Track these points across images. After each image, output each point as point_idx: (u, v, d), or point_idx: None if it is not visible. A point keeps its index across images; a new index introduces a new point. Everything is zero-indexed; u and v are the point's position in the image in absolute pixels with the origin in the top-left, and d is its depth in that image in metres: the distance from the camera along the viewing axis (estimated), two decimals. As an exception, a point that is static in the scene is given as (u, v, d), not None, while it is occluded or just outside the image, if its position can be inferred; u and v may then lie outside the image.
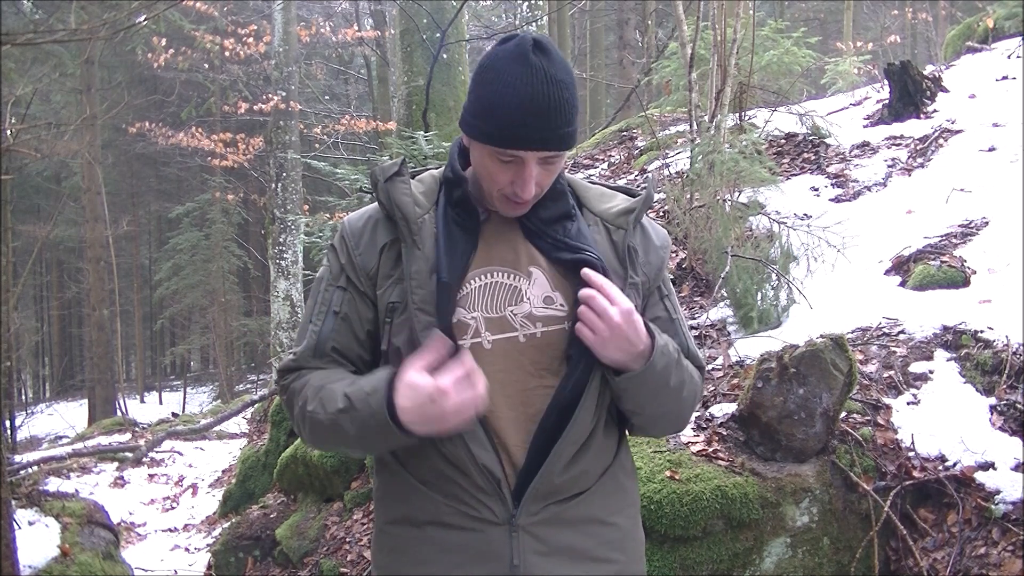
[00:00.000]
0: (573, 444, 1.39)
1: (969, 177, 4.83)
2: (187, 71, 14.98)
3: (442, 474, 1.40)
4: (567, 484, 1.41)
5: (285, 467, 4.66)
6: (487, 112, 1.34)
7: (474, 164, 1.44)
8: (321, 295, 1.48)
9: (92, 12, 9.54)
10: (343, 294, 1.45)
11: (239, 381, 20.55)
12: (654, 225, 1.58)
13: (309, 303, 1.51)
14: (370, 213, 1.50)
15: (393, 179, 1.46)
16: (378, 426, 1.32)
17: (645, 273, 1.50)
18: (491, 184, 1.40)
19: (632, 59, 13.92)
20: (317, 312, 1.47)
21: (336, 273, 1.47)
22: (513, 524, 1.37)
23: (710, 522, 2.65)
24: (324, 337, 1.45)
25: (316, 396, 1.39)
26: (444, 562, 1.40)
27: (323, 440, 1.45)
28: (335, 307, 1.45)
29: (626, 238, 1.48)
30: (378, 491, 1.53)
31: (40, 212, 20.66)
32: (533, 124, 1.31)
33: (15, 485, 3.94)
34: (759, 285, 3.92)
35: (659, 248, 1.54)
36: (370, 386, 1.34)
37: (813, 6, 19.56)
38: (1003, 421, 2.88)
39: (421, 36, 7.24)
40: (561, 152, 1.38)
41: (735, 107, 5.65)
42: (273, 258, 10.28)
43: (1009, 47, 7.24)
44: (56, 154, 14.28)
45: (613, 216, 1.50)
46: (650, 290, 1.52)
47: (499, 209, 1.44)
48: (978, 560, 2.55)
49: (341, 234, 1.49)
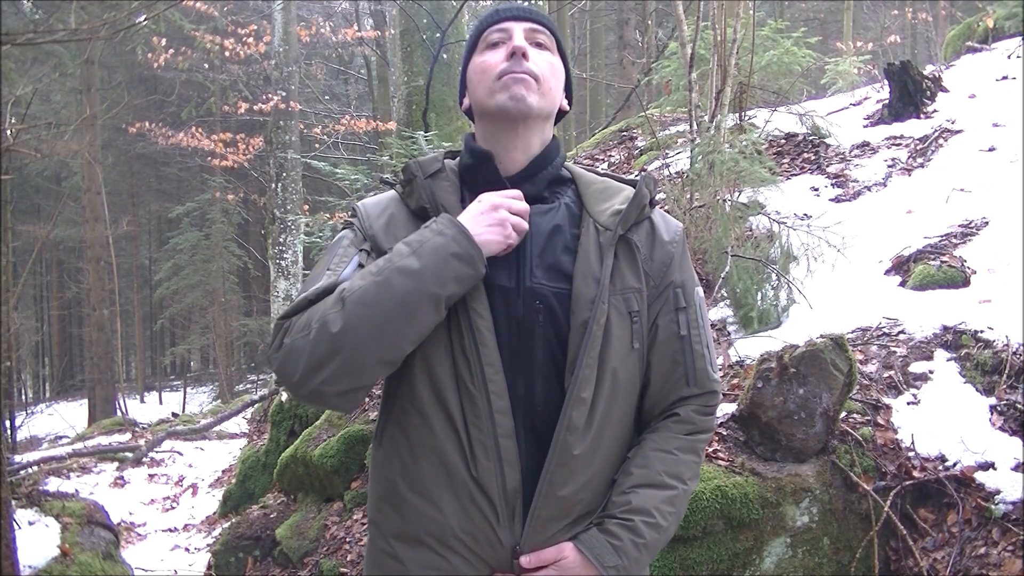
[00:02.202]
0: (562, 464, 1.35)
1: (969, 177, 4.83)
2: (187, 71, 14.97)
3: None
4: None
5: (285, 467, 4.66)
6: (473, 31, 1.49)
7: (472, 86, 1.47)
8: (342, 249, 1.41)
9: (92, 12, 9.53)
10: (366, 256, 1.39)
11: (239, 381, 20.55)
12: (666, 219, 1.50)
13: (323, 259, 1.42)
14: (386, 204, 1.47)
15: (436, 176, 1.44)
16: (442, 233, 1.30)
17: (647, 272, 1.42)
18: (488, 74, 1.42)
19: (632, 59, 13.91)
20: (337, 261, 1.38)
21: (359, 239, 1.42)
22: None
23: (710, 522, 2.65)
24: (345, 278, 1.34)
25: (352, 281, 1.30)
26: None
27: (366, 317, 1.26)
28: (361, 260, 1.38)
29: (613, 240, 1.40)
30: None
31: (40, 212, 20.67)
32: (509, 7, 1.46)
33: (15, 485, 3.94)
34: (759, 285, 3.92)
35: (667, 244, 1.45)
36: (432, 226, 1.34)
37: (813, 6, 19.56)
38: (1003, 421, 2.88)
39: (421, 36, 7.24)
40: (544, 27, 1.46)
41: (735, 107, 5.65)
42: (273, 258, 10.27)
43: (1009, 47, 7.24)
44: (56, 154, 14.27)
45: (606, 218, 1.42)
46: (658, 292, 1.44)
47: (505, 102, 1.39)
48: (978, 560, 2.55)
49: (359, 215, 1.46)
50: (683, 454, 1.42)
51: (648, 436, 1.44)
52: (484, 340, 1.34)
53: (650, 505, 1.36)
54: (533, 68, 1.40)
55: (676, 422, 1.44)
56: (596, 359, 1.35)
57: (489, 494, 1.33)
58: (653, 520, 1.36)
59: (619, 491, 1.38)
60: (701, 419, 1.46)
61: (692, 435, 1.44)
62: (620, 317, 1.38)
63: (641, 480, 1.38)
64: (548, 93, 1.42)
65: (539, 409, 1.36)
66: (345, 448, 4.16)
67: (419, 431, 1.37)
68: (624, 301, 1.39)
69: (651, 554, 1.38)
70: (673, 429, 1.44)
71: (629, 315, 1.39)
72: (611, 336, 1.37)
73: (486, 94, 1.41)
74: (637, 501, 1.36)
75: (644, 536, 1.35)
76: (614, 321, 1.38)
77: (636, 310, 1.40)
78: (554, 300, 1.37)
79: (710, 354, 1.46)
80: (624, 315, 1.39)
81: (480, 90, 1.43)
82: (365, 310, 1.26)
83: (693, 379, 1.44)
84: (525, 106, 1.39)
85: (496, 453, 1.33)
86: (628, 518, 1.35)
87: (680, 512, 1.42)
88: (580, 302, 1.36)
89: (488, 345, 1.34)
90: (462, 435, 1.34)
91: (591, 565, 1.33)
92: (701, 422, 1.46)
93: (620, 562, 1.34)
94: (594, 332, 1.35)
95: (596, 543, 1.34)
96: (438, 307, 1.30)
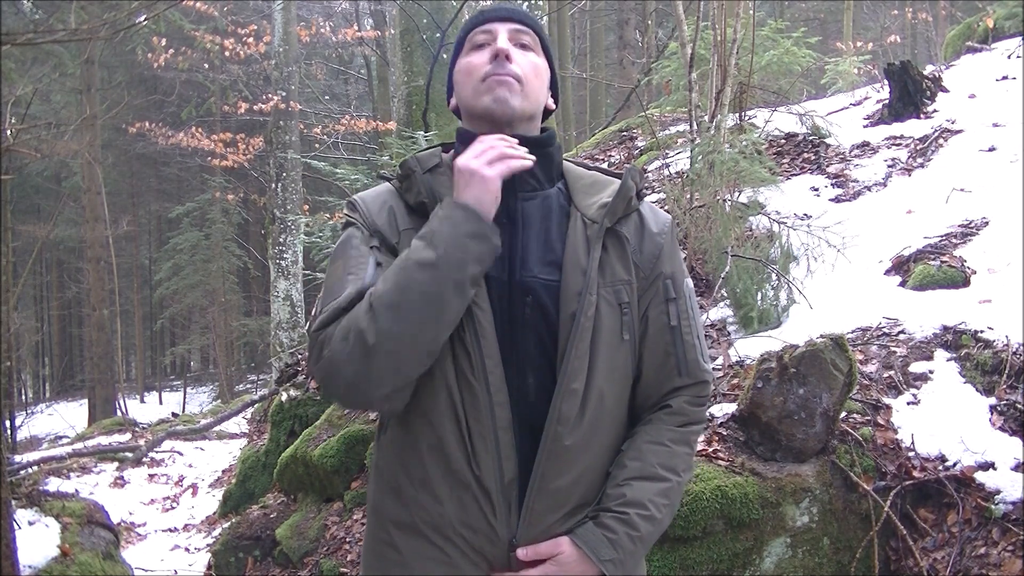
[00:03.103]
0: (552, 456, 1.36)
1: (969, 177, 4.83)
2: (187, 71, 14.98)
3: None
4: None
5: (285, 467, 4.66)
6: (460, 32, 1.51)
7: (458, 87, 1.49)
8: (355, 250, 1.40)
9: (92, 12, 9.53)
10: (378, 252, 1.40)
11: (239, 381, 20.56)
12: (655, 211, 1.51)
13: (337, 263, 1.41)
14: (384, 197, 1.47)
15: (434, 171, 1.45)
16: (465, 222, 1.30)
17: (637, 264, 1.44)
18: (472, 76, 1.44)
19: (632, 59, 13.92)
20: (355, 265, 1.38)
21: (367, 236, 1.42)
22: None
23: (710, 522, 2.65)
24: (370, 281, 1.34)
25: (377, 285, 1.31)
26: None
27: (403, 310, 1.28)
28: (377, 259, 1.38)
29: (600, 233, 1.41)
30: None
31: (40, 212, 20.69)
32: (495, 8, 1.48)
33: (15, 485, 3.94)
34: (759, 285, 3.92)
35: (656, 235, 1.46)
36: (439, 212, 1.34)
37: (813, 6, 19.56)
38: (1003, 421, 2.88)
39: (421, 36, 7.25)
40: (528, 27, 1.47)
41: (735, 107, 5.65)
42: (273, 258, 10.28)
43: (1009, 47, 7.24)
44: (56, 154, 14.28)
45: (593, 212, 1.44)
46: (648, 283, 1.45)
47: (489, 104, 1.42)
48: (978, 560, 2.55)
49: (358, 208, 1.46)
50: (676, 446, 1.44)
51: (641, 428, 1.45)
52: (484, 332, 1.35)
53: (644, 497, 1.38)
54: (516, 70, 1.42)
55: (669, 414, 1.45)
56: (586, 351, 1.36)
57: (487, 487, 1.35)
58: (648, 512, 1.37)
59: (613, 484, 1.40)
60: (693, 410, 1.47)
61: (685, 427, 1.46)
62: (610, 308, 1.40)
63: (635, 472, 1.39)
64: (531, 94, 1.44)
65: (531, 401, 1.37)
66: (345, 448, 4.16)
67: (419, 423, 1.38)
68: (614, 293, 1.41)
69: (646, 546, 1.40)
70: (666, 421, 1.45)
71: (619, 307, 1.41)
72: (601, 328, 1.38)
73: (471, 96, 1.44)
74: (631, 494, 1.37)
75: (639, 529, 1.37)
76: (604, 313, 1.39)
77: (626, 301, 1.42)
78: (544, 293, 1.39)
79: (701, 344, 1.48)
80: (614, 307, 1.41)
81: (466, 91, 1.46)
82: (395, 313, 1.28)
83: (685, 369, 1.45)
84: (509, 108, 1.41)
85: (495, 445, 1.35)
86: (623, 511, 1.37)
87: (674, 504, 1.43)
88: (568, 294, 1.38)
89: (488, 337, 1.35)
90: (462, 427, 1.35)
91: (587, 559, 1.35)
92: (693, 413, 1.47)
93: (616, 555, 1.35)
94: (582, 324, 1.36)
95: (592, 537, 1.36)
96: (463, 292, 1.31)
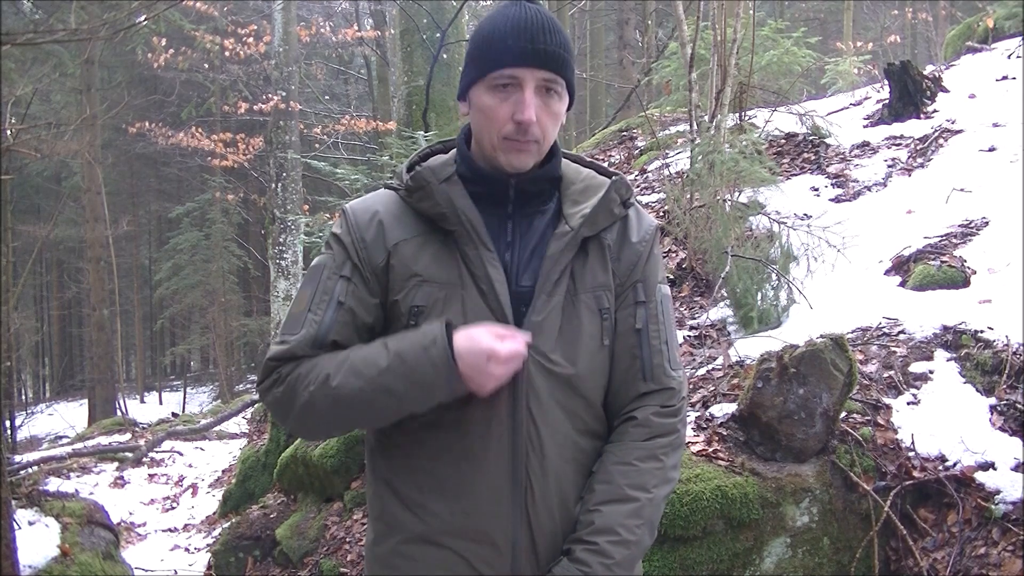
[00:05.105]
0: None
1: (969, 177, 4.83)
2: (187, 71, 14.98)
3: None
4: None
5: (285, 467, 4.66)
6: (482, 44, 1.38)
7: (474, 120, 1.42)
8: (322, 283, 1.40)
9: (92, 12, 9.55)
10: (347, 284, 1.39)
11: (239, 381, 20.53)
12: (641, 217, 1.50)
13: (306, 290, 1.42)
14: (376, 208, 1.44)
15: (450, 181, 1.41)
16: (436, 372, 1.29)
17: (615, 272, 1.44)
18: (492, 126, 1.37)
19: (632, 59, 13.92)
20: (318, 301, 1.39)
21: (340, 262, 1.41)
22: None
23: (710, 522, 2.65)
24: (326, 328, 1.37)
25: (340, 369, 1.33)
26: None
27: (346, 414, 1.36)
28: (339, 297, 1.38)
29: (575, 242, 1.41)
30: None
31: (40, 212, 20.67)
32: (525, 37, 1.34)
33: (15, 485, 3.94)
34: (759, 285, 3.92)
35: (635, 244, 1.46)
36: (425, 339, 1.31)
37: (813, 6, 19.56)
38: (1003, 421, 2.88)
39: (421, 36, 7.25)
40: (558, 75, 1.36)
41: (735, 107, 5.65)
42: (273, 258, 10.28)
43: (1009, 47, 7.23)
44: (56, 154, 14.27)
45: (575, 221, 1.42)
46: (623, 290, 1.45)
47: (503, 162, 1.39)
48: (978, 560, 2.55)
49: (346, 223, 1.43)
50: (644, 463, 1.41)
51: (608, 448, 1.44)
52: None
53: (615, 523, 1.37)
54: (537, 133, 1.37)
55: (635, 426, 1.43)
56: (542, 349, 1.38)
57: (498, 491, 1.37)
58: (619, 538, 1.36)
59: (584, 509, 1.40)
60: (660, 422, 1.43)
61: (651, 440, 1.42)
62: (591, 314, 1.41)
63: (604, 496, 1.39)
64: (547, 143, 1.41)
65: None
66: (345, 448, 4.16)
67: (431, 429, 1.39)
68: (595, 299, 1.42)
69: (626, 569, 1.38)
70: (632, 435, 1.43)
71: (599, 312, 1.42)
72: (582, 332, 1.40)
73: (488, 144, 1.40)
74: (600, 521, 1.37)
75: (612, 555, 1.35)
76: (585, 318, 1.40)
77: (606, 307, 1.42)
78: (525, 301, 1.41)
79: (669, 351, 1.46)
80: (595, 312, 1.41)
81: (482, 133, 1.41)
82: (348, 412, 1.36)
83: (649, 374, 1.44)
84: (523, 167, 1.40)
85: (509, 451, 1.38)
86: (593, 542, 1.36)
87: (652, 520, 1.41)
88: (537, 302, 1.39)
89: None
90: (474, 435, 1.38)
91: None
92: (659, 425, 1.43)
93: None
94: (532, 320, 1.37)
95: (567, 574, 1.36)
96: (406, 412, 1.37)
